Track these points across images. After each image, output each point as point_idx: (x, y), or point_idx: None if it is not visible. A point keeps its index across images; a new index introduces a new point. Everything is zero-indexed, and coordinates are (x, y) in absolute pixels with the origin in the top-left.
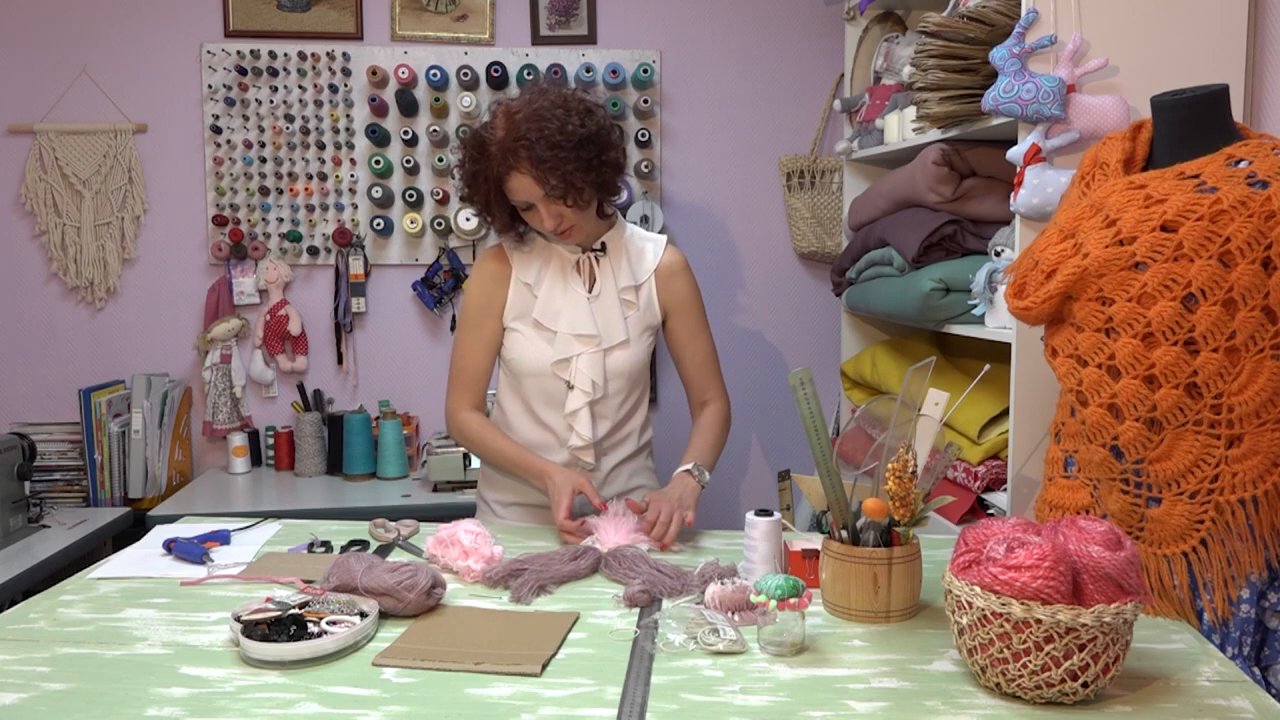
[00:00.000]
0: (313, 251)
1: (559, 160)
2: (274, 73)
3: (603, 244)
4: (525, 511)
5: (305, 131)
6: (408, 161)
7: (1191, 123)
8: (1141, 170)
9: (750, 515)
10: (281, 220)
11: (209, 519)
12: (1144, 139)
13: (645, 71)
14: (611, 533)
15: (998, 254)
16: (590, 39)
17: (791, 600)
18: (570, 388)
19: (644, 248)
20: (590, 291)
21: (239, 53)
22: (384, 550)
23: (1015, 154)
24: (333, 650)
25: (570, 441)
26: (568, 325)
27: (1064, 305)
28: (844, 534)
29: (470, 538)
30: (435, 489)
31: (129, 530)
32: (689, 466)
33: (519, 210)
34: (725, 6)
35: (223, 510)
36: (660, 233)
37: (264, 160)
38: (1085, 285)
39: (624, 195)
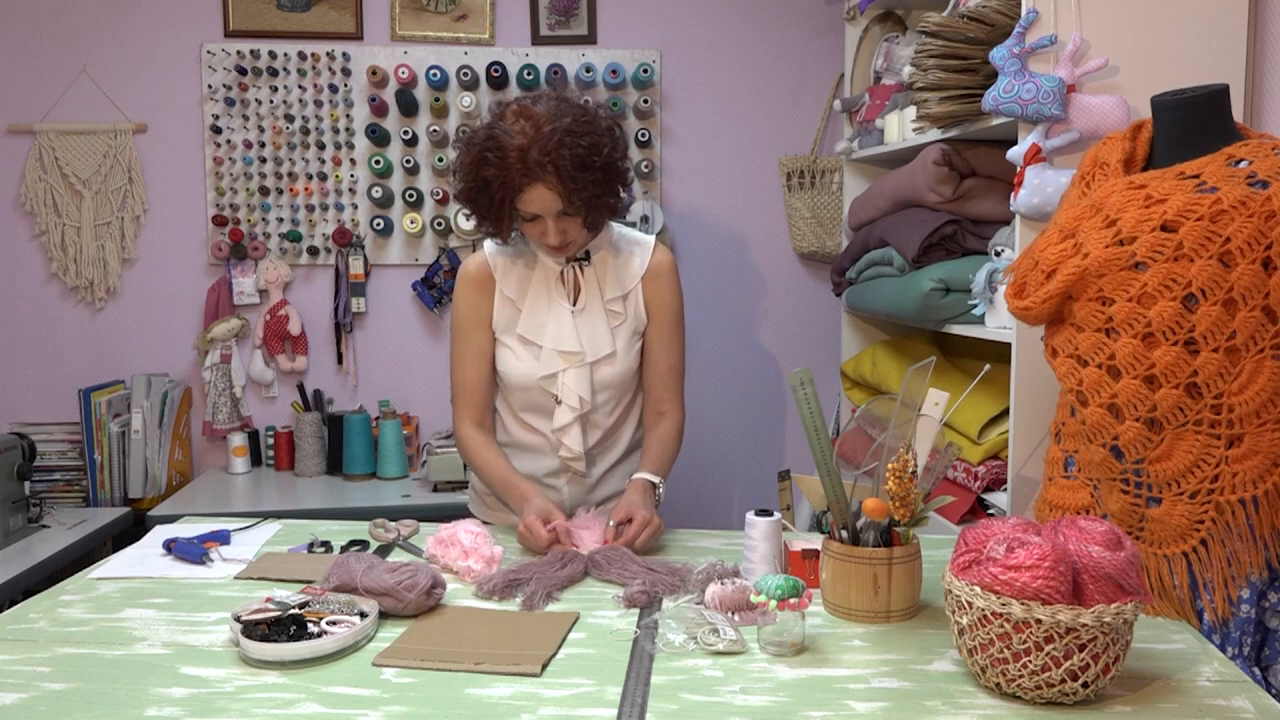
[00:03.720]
0: (313, 251)
1: (589, 182)
2: (274, 73)
3: (586, 253)
4: (507, 511)
5: (305, 131)
6: (408, 161)
7: (1192, 123)
8: (1141, 170)
9: (750, 515)
10: (281, 220)
11: (209, 519)
12: (1144, 139)
13: (645, 71)
14: (586, 536)
15: (998, 254)
16: (590, 39)
17: (791, 600)
18: (558, 403)
19: (632, 252)
20: (575, 304)
21: (239, 53)
22: (384, 550)
23: (1015, 154)
24: (333, 650)
25: (560, 453)
26: (552, 340)
27: (1064, 305)
28: (844, 534)
29: (470, 538)
30: (435, 489)
31: (129, 530)
32: (654, 480)
33: (520, 219)
34: (725, 6)
35: (223, 510)
36: (660, 233)
37: (264, 160)
38: (1085, 285)
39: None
